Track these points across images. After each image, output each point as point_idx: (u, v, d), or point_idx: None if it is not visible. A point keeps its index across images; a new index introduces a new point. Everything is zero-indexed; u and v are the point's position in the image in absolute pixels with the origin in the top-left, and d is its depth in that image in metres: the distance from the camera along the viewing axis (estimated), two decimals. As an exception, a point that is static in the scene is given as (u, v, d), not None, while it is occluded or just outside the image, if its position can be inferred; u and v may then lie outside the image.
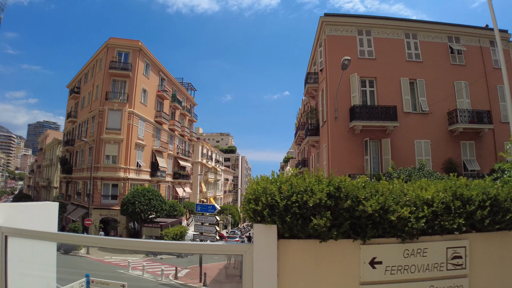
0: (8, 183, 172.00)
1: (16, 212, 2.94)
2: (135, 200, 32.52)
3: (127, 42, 39.55)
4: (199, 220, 24.03)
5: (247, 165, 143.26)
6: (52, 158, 62.89)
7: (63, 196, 48.46)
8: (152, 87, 42.86)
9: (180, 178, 50.40)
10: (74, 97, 49.10)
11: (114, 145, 36.36)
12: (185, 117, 55.74)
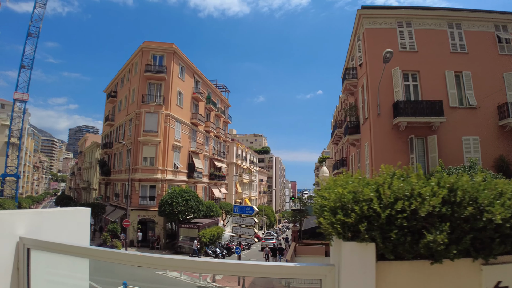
0: (51, 185, 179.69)
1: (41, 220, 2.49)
2: (172, 201, 32.69)
3: (161, 45, 39.92)
4: (237, 222, 23.60)
5: (281, 166, 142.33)
6: (91, 160, 64.88)
7: (102, 198, 49.74)
8: (187, 89, 43.16)
9: (216, 179, 50.50)
10: (111, 101, 50.37)
11: (151, 147, 36.82)
12: (220, 119, 55.88)
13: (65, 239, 2.46)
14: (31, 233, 2.28)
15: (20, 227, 2.21)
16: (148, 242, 35.32)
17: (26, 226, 2.26)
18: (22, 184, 72.84)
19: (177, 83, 40.22)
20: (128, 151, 38.43)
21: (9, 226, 2.12)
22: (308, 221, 37.90)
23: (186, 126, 42.04)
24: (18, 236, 2.19)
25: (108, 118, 49.05)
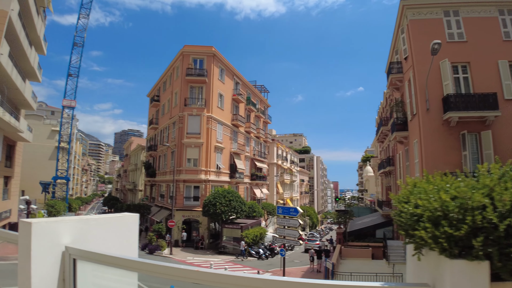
0: (98, 186, 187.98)
1: (87, 228, 2.31)
2: (216, 202, 33.05)
3: (201, 48, 40.57)
4: (281, 223, 23.38)
5: (322, 166, 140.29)
6: (136, 163, 66.95)
7: (147, 198, 51.13)
8: (228, 91, 43.61)
9: (257, 179, 50.62)
10: (154, 105, 51.91)
11: (194, 149, 37.53)
12: (260, 119, 56.01)
13: (112, 248, 2.38)
14: (77, 242, 2.13)
15: (66, 236, 2.09)
16: (193, 242, 35.80)
17: (72, 234, 2.14)
18: (72, 186, 76.33)
19: (217, 85, 40.72)
20: (172, 153, 39.40)
21: (54, 235, 2.00)
22: (353, 223, 37.14)
23: (227, 127, 42.49)
24: (63, 245, 2.06)
25: (152, 122, 50.69)
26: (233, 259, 30.98)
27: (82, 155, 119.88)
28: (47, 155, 63.47)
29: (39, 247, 1.88)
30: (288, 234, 22.79)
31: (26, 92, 29.22)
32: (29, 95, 30.49)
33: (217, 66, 41.11)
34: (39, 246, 1.89)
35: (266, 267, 27.61)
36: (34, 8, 28.79)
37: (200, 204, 36.38)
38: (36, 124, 52.87)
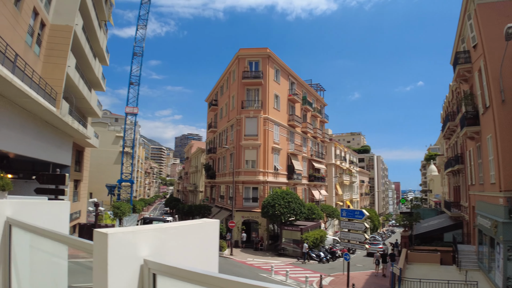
0: (160, 188, 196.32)
1: (166, 238, 2.10)
2: (275, 203, 32.83)
3: (256, 50, 40.75)
4: (345, 227, 22.64)
5: (383, 166, 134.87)
6: (197, 165, 68.77)
7: (208, 199, 52.23)
8: (283, 91, 43.36)
9: (316, 180, 49.80)
10: (212, 109, 53.31)
11: (252, 151, 37.75)
12: (317, 119, 55.10)
13: (192, 261, 2.18)
14: (156, 255, 1.86)
15: (144, 248, 1.92)
16: (252, 243, 35.94)
17: (150, 246, 1.96)
18: (136, 188, 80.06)
19: (273, 87, 40.64)
20: (231, 155, 39.92)
21: (132, 246, 1.86)
22: (418, 225, 35.16)
23: (283, 128, 42.24)
24: (142, 258, 1.90)
25: (211, 125, 51.94)
26: (293, 261, 30.54)
27: (145, 159, 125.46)
28: (112, 159, 67.34)
29: (116, 261, 1.74)
30: (353, 237, 22.04)
31: (92, 101, 30.96)
32: (95, 103, 32.27)
33: (272, 67, 41.02)
34: (117, 259, 1.74)
35: (328, 271, 26.87)
36: (96, 22, 30.42)
37: (259, 205, 36.41)
38: (102, 131, 56.17)
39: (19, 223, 3.21)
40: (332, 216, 48.00)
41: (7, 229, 3.46)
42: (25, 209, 3.71)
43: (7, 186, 7.21)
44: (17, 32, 18.51)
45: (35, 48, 21.68)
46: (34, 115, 19.58)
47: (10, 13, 17.39)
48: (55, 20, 23.68)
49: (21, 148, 18.72)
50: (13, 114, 17.16)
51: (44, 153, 22.18)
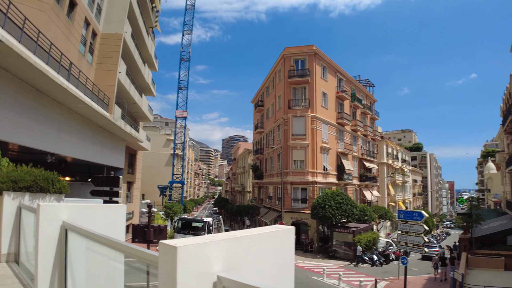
0: (209, 189, 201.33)
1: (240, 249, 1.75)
2: (325, 204, 31.89)
3: (301, 48, 40.02)
4: (402, 229, 21.39)
5: (436, 164, 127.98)
6: (244, 166, 69.07)
7: (256, 200, 52.15)
8: (331, 89, 42.18)
9: (367, 180, 47.95)
10: (259, 110, 53.29)
11: (300, 150, 36.99)
12: (366, 116, 53.12)
13: (268, 275, 2.00)
14: (230, 269, 1.73)
15: (217, 262, 1.69)
16: (302, 245, 35.27)
17: (223, 259, 1.73)
18: (186, 189, 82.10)
19: (320, 84, 39.65)
20: (279, 156, 39.42)
21: (204, 261, 1.62)
22: (479, 227, 32.57)
23: (332, 126, 41.07)
24: (215, 274, 1.66)
25: (258, 126, 51.89)
26: (344, 264, 29.48)
27: (194, 161, 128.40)
28: (163, 161, 69.66)
29: (186, 278, 1.52)
30: (411, 240, 20.78)
31: (143, 105, 31.92)
32: (146, 108, 33.22)
33: (319, 65, 40.06)
34: (187, 276, 1.53)
35: (382, 275, 25.58)
36: (144, 29, 31.33)
37: (308, 206, 35.69)
38: (153, 134, 58.10)
39: (75, 228, 3.37)
40: (384, 217, 45.98)
41: (63, 234, 3.68)
42: (81, 213, 3.96)
43: (64, 189, 7.41)
44: (71, 42, 19.25)
45: (88, 56, 22.55)
46: (89, 120, 20.32)
47: (63, 24, 18.08)
48: (105, 29, 24.62)
49: (78, 152, 19.47)
50: (70, 120, 17.88)
51: (99, 156, 22.93)
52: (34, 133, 14.64)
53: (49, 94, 15.28)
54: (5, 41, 9.92)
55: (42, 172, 7.29)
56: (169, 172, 63.44)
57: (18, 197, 6.64)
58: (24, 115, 13.80)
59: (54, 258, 3.78)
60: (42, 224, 3.78)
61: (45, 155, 17.90)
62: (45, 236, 3.75)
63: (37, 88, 14.37)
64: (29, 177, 6.97)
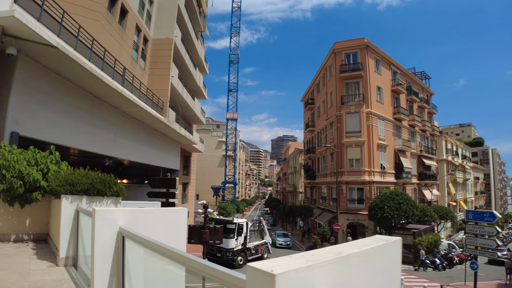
0: (260, 189, 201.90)
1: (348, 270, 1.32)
2: (383, 205, 30.33)
3: (352, 42, 38.69)
4: (472, 231, 19.65)
5: (500, 160, 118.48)
6: (295, 166, 68.15)
7: (308, 200, 51.12)
8: (386, 83, 40.22)
9: (426, 178, 45.15)
10: (309, 109, 52.28)
11: (355, 148, 35.57)
12: (424, 110, 50.14)
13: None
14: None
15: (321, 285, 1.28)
16: None
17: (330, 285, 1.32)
18: (238, 189, 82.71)
19: (374, 78, 37.92)
20: (332, 154, 38.18)
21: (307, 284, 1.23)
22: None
23: (388, 122, 39.09)
24: None
25: (308, 125, 51.02)
26: (404, 268, 27.85)
27: (245, 162, 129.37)
28: (215, 163, 70.77)
29: None
30: (482, 244, 19.01)
31: (195, 108, 32.42)
32: (199, 111, 33.72)
33: (372, 58, 38.34)
34: None
35: (446, 280, 23.75)
36: (193, 33, 31.72)
37: (365, 207, 34.29)
38: (205, 137, 59.00)
39: (132, 235, 3.14)
40: (445, 218, 43.07)
41: (120, 241, 3.51)
42: (139, 218, 3.81)
43: (120, 192, 7.43)
44: (124, 49, 19.71)
45: (141, 62, 23.21)
46: (144, 124, 20.72)
47: (116, 31, 18.50)
48: (156, 35, 25.25)
49: (134, 155, 19.94)
50: (125, 124, 18.29)
51: (155, 159, 23.41)
52: (93, 138, 15.03)
53: (105, 99, 15.61)
54: (60, 48, 10.03)
55: (99, 175, 7.26)
56: (221, 173, 64.60)
57: (76, 201, 6.61)
58: (83, 121, 14.19)
59: (111, 266, 3.60)
60: (97, 230, 3.61)
61: (103, 158, 18.53)
62: (101, 243, 3.59)
63: (94, 94, 14.71)
64: (86, 180, 6.95)
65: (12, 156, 8.25)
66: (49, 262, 6.53)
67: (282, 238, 37.68)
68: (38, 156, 8.66)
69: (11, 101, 9.86)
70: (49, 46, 9.70)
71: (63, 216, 6.40)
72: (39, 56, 10.69)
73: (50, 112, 12.02)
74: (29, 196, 8.22)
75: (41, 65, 11.23)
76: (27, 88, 10.64)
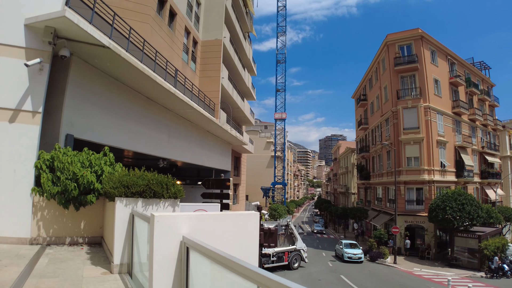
0: (308, 190, 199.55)
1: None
2: (445, 206, 28.33)
3: (406, 33, 37.06)
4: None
5: None
6: (347, 166, 66.27)
7: (362, 202, 49.38)
8: (443, 75, 37.86)
9: (489, 177, 41.82)
10: (361, 105, 50.66)
11: (414, 146, 33.80)
12: (484, 103, 46.51)
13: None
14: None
15: None
16: (417, 251, 32.35)
17: None
18: (286, 190, 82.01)
19: (431, 70, 35.85)
20: (388, 153, 36.75)
21: None
22: None
23: (447, 117, 36.72)
24: None
25: (361, 122, 49.56)
26: (468, 274, 25.75)
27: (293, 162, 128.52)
28: (264, 164, 70.75)
29: None
30: None
31: (245, 109, 32.53)
32: (248, 112, 33.74)
33: (427, 49, 36.32)
34: None
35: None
36: (241, 34, 31.80)
37: (424, 208, 32.43)
38: (254, 138, 59.13)
39: (199, 247, 2.79)
40: (510, 220, 39.61)
41: (184, 252, 3.16)
42: (205, 226, 3.36)
43: (179, 193, 7.05)
44: (174, 51, 19.98)
45: (191, 64, 23.64)
46: (196, 125, 20.92)
47: (165, 34, 18.71)
48: (205, 36, 25.62)
49: (188, 156, 20.17)
50: (178, 125, 18.52)
51: (208, 160, 23.72)
52: (147, 139, 15.16)
53: (158, 101, 15.68)
54: (112, 48, 9.92)
55: (156, 176, 6.85)
56: (270, 174, 64.55)
57: (131, 204, 6.25)
58: (137, 123, 14.30)
59: (172, 282, 3.16)
60: (157, 240, 3.16)
61: (157, 160, 18.76)
62: (161, 254, 3.15)
63: (147, 95, 14.75)
64: (142, 182, 6.53)
65: (66, 158, 8.15)
66: (103, 268, 6.29)
67: (351, 250, 30.36)
68: (92, 157, 8.56)
69: (66, 104, 9.82)
70: (100, 46, 9.59)
71: (117, 220, 6.07)
72: (91, 58, 10.68)
73: (104, 114, 12.03)
74: (83, 198, 8.17)
75: (94, 67, 11.24)
76: (81, 90, 10.63)
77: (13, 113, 8.14)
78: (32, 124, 8.28)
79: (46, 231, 8.17)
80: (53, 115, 9.59)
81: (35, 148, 8.23)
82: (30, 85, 8.33)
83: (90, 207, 8.46)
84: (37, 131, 8.32)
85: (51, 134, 9.46)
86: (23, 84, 8.26)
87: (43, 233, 8.12)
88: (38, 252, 7.05)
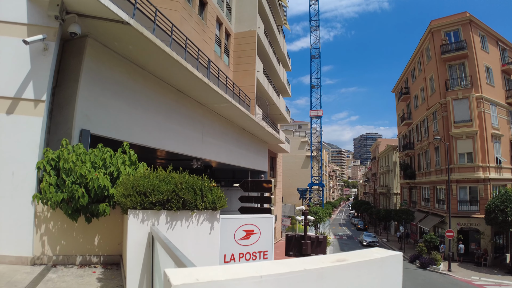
0: (344, 191, 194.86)
1: None
2: (505, 206, 25.35)
3: (452, 18, 34.34)
4: None
5: None
6: (388, 164, 63.10)
7: (406, 203, 46.56)
8: (494, 62, 34.85)
9: (549, 174, 38.08)
10: (403, 99, 47.89)
11: (466, 140, 30.92)
12: (541, 92, 42.72)
13: None
14: None
15: None
16: (472, 257, 29.42)
17: None
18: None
19: (482, 57, 32.93)
20: (436, 149, 34.01)
21: None
22: None
23: (501, 108, 33.62)
24: None
25: (404, 118, 46.56)
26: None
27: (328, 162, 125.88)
28: (299, 164, 68.76)
29: None
30: None
31: (281, 106, 31.07)
32: (283, 109, 32.32)
33: (477, 34, 33.39)
34: None
35: None
36: (275, 26, 30.45)
37: (479, 209, 29.49)
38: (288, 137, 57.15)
39: None
40: None
41: None
42: None
43: (219, 202, 4.94)
44: (206, 42, 18.73)
45: (224, 58, 22.19)
46: (232, 122, 19.73)
47: (196, 23, 17.42)
48: (237, 28, 24.28)
49: (223, 156, 18.90)
50: (213, 122, 17.25)
51: (244, 160, 22.45)
52: (179, 137, 13.73)
53: (190, 94, 14.32)
54: (133, 24, 8.41)
55: (186, 178, 4.89)
56: (305, 175, 62.62)
57: (150, 218, 4.42)
58: (167, 118, 12.79)
59: None
60: None
61: (191, 160, 17.24)
62: None
63: (177, 87, 13.36)
64: (166, 187, 4.58)
65: (71, 156, 6.27)
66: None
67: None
68: (106, 156, 6.66)
69: (80, 93, 8.33)
70: (119, 22, 8.11)
71: (130, 242, 4.28)
72: (110, 41, 9.24)
73: (127, 106, 10.52)
74: (95, 208, 6.23)
75: (115, 52, 9.80)
76: (98, 78, 9.15)
77: (12, 103, 6.68)
78: (34, 115, 6.75)
79: (52, 249, 6.51)
80: (65, 108, 8.19)
81: (37, 145, 6.64)
82: (32, 68, 6.86)
83: (105, 218, 6.70)
84: (40, 123, 6.76)
85: (63, 129, 8.03)
86: (24, 67, 6.82)
87: (48, 251, 6.47)
88: (36, 278, 5.46)
